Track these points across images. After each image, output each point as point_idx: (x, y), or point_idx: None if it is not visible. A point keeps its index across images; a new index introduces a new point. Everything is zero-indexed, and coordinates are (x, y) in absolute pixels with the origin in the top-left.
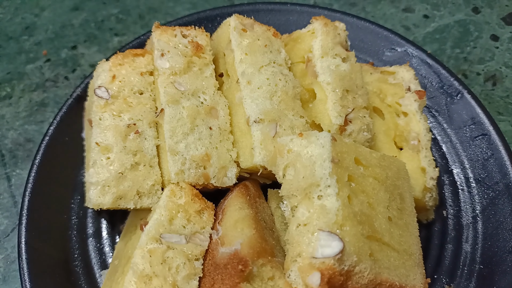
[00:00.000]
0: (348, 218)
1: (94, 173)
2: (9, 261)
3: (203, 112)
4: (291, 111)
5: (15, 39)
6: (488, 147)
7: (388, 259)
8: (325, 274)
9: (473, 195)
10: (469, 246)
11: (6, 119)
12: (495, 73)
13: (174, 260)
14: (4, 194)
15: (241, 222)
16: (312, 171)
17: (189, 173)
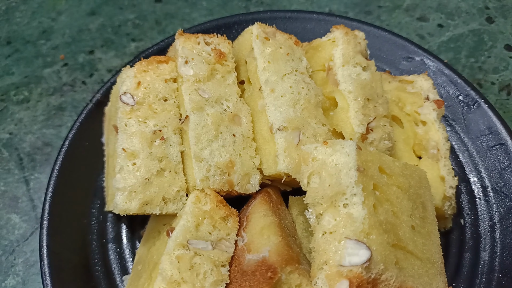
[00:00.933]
0: (374, 226)
1: (120, 179)
2: (29, 265)
3: (226, 119)
4: (314, 119)
5: (32, 43)
6: (506, 157)
7: (412, 268)
8: (353, 282)
9: (490, 204)
10: (487, 255)
11: (24, 123)
12: (509, 82)
13: (201, 266)
14: (22, 198)
15: (267, 229)
16: (338, 179)
17: (214, 180)
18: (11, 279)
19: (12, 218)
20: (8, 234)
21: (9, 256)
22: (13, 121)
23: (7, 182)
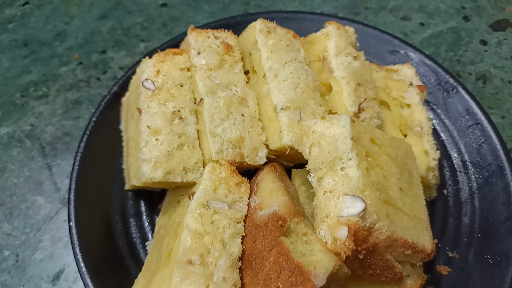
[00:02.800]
0: (367, 185)
1: (146, 152)
2: (55, 240)
3: (236, 101)
4: (312, 100)
5: (48, 45)
6: (482, 134)
7: (401, 221)
8: (351, 228)
9: (469, 176)
10: (468, 219)
11: (44, 115)
12: (485, 73)
13: (220, 221)
14: (46, 182)
15: (275, 191)
16: (335, 147)
17: (227, 152)
18: (40, 253)
19: (37, 200)
20: (34, 214)
21: (37, 233)
22: (34, 114)
23: (31, 168)
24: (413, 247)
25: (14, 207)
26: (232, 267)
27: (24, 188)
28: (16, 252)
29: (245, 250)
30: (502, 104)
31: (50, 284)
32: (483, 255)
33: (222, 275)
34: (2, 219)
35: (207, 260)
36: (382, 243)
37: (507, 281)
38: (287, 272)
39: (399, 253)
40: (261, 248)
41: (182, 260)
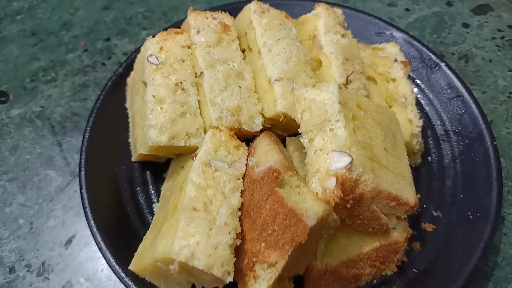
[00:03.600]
0: (354, 143)
1: (152, 118)
2: (66, 209)
3: (233, 75)
4: (304, 73)
5: (54, 34)
6: (463, 105)
7: (386, 176)
8: (339, 178)
9: (452, 143)
10: (450, 182)
11: (53, 98)
12: (467, 53)
13: (221, 177)
14: (57, 157)
15: (271, 151)
16: (324, 110)
17: (226, 119)
18: (52, 221)
19: (49, 173)
20: (46, 186)
21: (49, 203)
22: (43, 97)
23: (42, 145)
24: (397, 199)
25: (27, 180)
26: (232, 215)
27: (36, 163)
28: (30, 220)
29: (244, 202)
30: (483, 80)
31: (63, 247)
32: (465, 213)
33: (223, 220)
34: (16, 191)
35: (210, 208)
36: (368, 194)
37: (486, 233)
38: (281, 216)
39: (384, 205)
40: (258, 198)
41: (188, 207)
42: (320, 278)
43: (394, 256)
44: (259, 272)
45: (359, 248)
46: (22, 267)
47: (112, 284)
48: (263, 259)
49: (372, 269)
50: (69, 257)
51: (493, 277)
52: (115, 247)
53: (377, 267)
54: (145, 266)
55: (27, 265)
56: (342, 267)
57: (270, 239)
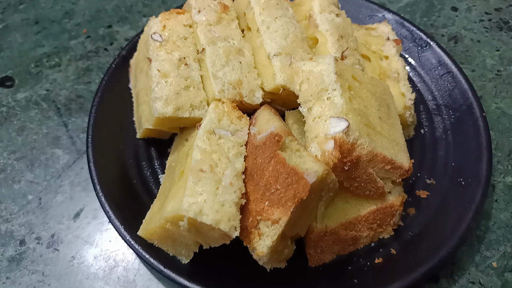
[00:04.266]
0: (350, 110)
1: (158, 91)
2: (74, 185)
3: (234, 51)
4: (301, 49)
5: (57, 22)
6: (453, 81)
7: (380, 141)
8: (337, 141)
9: (443, 117)
10: (443, 153)
11: (58, 81)
12: (456, 34)
13: (225, 144)
14: (63, 137)
15: (271, 119)
16: (321, 80)
17: (228, 92)
18: (60, 196)
19: (56, 152)
20: (54, 163)
21: (57, 180)
22: (48, 81)
23: (48, 126)
24: (392, 163)
25: (34, 158)
26: (237, 176)
27: (43, 142)
28: (39, 196)
29: (247, 167)
30: (472, 60)
31: (72, 220)
32: (457, 179)
33: (229, 181)
34: (24, 169)
35: (215, 170)
36: (364, 157)
37: (477, 197)
38: (284, 175)
39: (380, 169)
40: (261, 162)
41: (195, 169)
42: (320, 239)
43: (390, 220)
44: (263, 229)
45: (357, 211)
46: (32, 240)
47: (120, 254)
48: (267, 216)
49: (370, 232)
50: (77, 229)
51: (485, 240)
52: (123, 216)
53: (375, 229)
54: (154, 230)
55: (37, 238)
56: (341, 229)
57: (273, 197)
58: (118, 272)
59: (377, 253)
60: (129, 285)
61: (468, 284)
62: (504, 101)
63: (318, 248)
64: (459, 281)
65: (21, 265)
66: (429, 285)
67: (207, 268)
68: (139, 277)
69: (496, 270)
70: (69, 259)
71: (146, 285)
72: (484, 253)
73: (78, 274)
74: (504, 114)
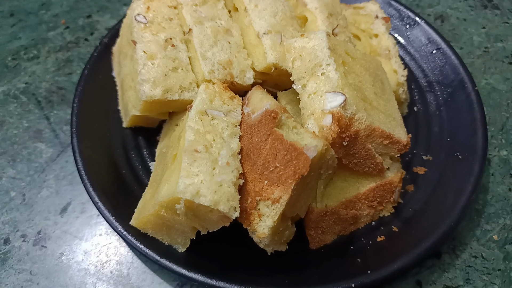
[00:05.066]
0: (345, 85)
1: (145, 73)
2: (59, 178)
3: (221, 31)
4: (291, 26)
5: (34, 14)
6: (443, 57)
7: (378, 116)
8: (335, 115)
9: (436, 93)
10: (437, 128)
11: (37, 74)
12: (442, 14)
13: (219, 124)
14: (45, 130)
15: (265, 98)
16: (315, 56)
17: (218, 72)
18: (45, 191)
19: (38, 146)
20: (37, 158)
21: (41, 174)
22: (27, 73)
23: (29, 120)
24: (390, 138)
25: (16, 154)
26: (233, 156)
27: (24, 137)
28: (23, 192)
29: (242, 147)
30: (459, 37)
31: (59, 216)
32: (453, 154)
33: (225, 160)
34: (5, 165)
35: (210, 150)
36: (363, 132)
37: (475, 170)
38: (282, 152)
39: (378, 144)
40: (257, 140)
41: (189, 149)
42: (321, 220)
43: (390, 196)
44: (263, 210)
45: (356, 189)
46: (17, 238)
47: (112, 248)
48: (267, 196)
49: (370, 210)
50: (65, 225)
51: (485, 214)
52: (114, 207)
53: (375, 207)
54: (147, 219)
55: (23, 235)
56: (341, 208)
57: (273, 175)
58: (110, 267)
59: (378, 231)
60: (123, 279)
61: (471, 258)
62: (493, 77)
63: (318, 229)
64: (462, 255)
65: (7, 264)
66: (432, 261)
67: (205, 256)
68: (133, 271)
69: (497, 243)
70: (57, 255)
71: (141, 278)
72: (484, 227)
73: (68, 271)
74: (494, 89)
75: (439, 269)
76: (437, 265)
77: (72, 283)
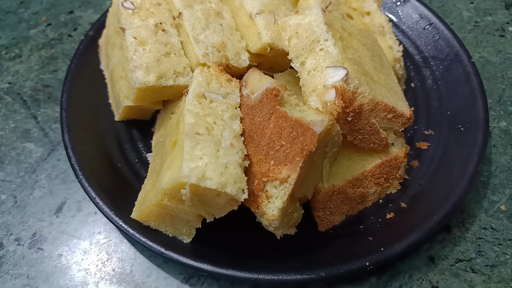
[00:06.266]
0: (345, 59)
1: (137, 59)
2: (51, 178)
3: (213, 14)
4: (284, 6)
5: (12, 12)
6: (436, 32)
7: (380, 90)
8: (338, 90)
9: (432, 68)
10: (436, 103)
11: (20, 73)
12: None
13: (218, 107)
14: (33, 129)
15: (264, 78)
16: (312, 32)
17: (213, 55)
18: (38, 191)
19: (27, 146)
20: (26, 158)
21: (32, 175)
22: (10, 73)
23: (15, 120)
24: (393, 111)
25: (4, 155)
26: (236, 138)
27: (11, 138)
28: (14, 194)
29: (244, 129)
30: (448, 14)
31: (54, 216)
32: (455, 126)
33: (229, 142)
34: None
35: (212, 133)
36: (367, 106)
37: (479, 139)
38: (287, 129)
39: (382, 118)
40: (260, 120)
41: (190, 132)
42: (328, 200)
43: (396, 172)
44: (271, 191)
45: (362, 167)
46: (11, 242)
47: (112, 244)
48: (274, 176)
49: (377, 188)
50: (61, 225)
51: (490, 185)
52: (112, 202)
53: (381, 184)
54: (149, 210)
55: (17, 239)
56: (348, 187)
57: (279, 155)
58: (112, 264)
59: (387, 208)
60: (127, 277)
61: (481, 230)
62: (486, 50)
63: (326, 210)
64: (471, 228)
65: (2, 270)
66: (442, 236)
67: (211, 245)
68: (136, 267)
69: (505, 213)
70: (55, 257)
71: (145, 274)
72: (491, 198)
73: (68, 272)
74: (488, 62)
75: (450, 243)
76: (448, 239)
77: (73, 284)
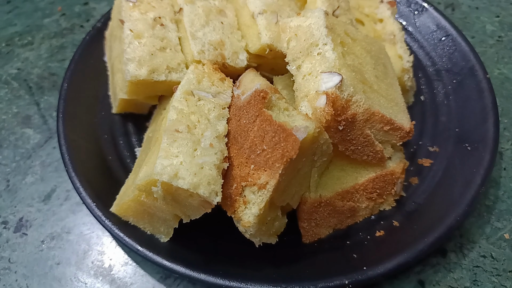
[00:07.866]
0: (343, 65)
1: (130, 51)
2: (45, 165)
3: (214, 11)
4: (288, 7)
5: (30, 1)
6: (452, 44)
7: (378, 100)
8: (329, 96)
9: (444, 82)
10: (444, 118)
11: (30, 60)
12: (453, 2)
13: (205, 105)
14: (35, 116)
15: (257, 78)
16: (311, 34)
17: (208, 53)
18: (30, 177)
19: (26, 131)
20: (24, 144)
21: (27, 160)
22: (20, 59)
23: (19, 105)
24: (391, 123)
25: (3, 139)
26: (218, 138)
27: (12, 122)
28: (7, 178)
29: (230, 130)
30: (470, 26)
31: (42, 203)
32: (462, 145)
33: (209, 142)
34: None
35: (193, 131)
36: (361, 116)
37: (486, 160)
38: (270, 134)
39: (378, 130)
40: (245, 122)
41: (170, 129)
42: (314, 211)
43: (391, 188)
44: (249, 196)
45: (354, 180)
46: None
47: (94, 237)
48: (253, 181)
49: (369, 203)
50: (48, 212)
51: (495, 211)
52: (96, 194)
53: (374, 200)
54: (128, 205)
55: (3, 222)
56: (337, 199)
57: (260, 159)
58: (92, 257)
59: (378, 225)
60: (104, 271)
61: (479, 258)
62: (507, 67)
63: (312, 221)
64: (469, 254)
65: None
66: (436, 260)
67: (188, 247)
68: (115, 261)
69: (509, 242)
70: (38, 244)
71: (123, 270)
72: (494, 224)
73: (47, 260)
74: (507, 79)
75: (444, 269)
76: (442, 264)
77: (51, 273)
